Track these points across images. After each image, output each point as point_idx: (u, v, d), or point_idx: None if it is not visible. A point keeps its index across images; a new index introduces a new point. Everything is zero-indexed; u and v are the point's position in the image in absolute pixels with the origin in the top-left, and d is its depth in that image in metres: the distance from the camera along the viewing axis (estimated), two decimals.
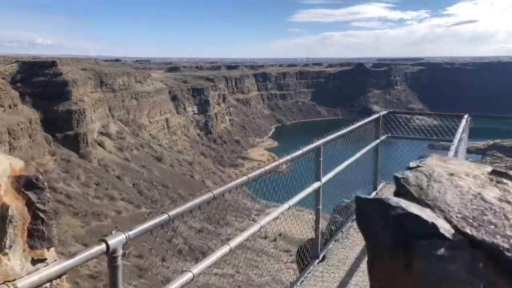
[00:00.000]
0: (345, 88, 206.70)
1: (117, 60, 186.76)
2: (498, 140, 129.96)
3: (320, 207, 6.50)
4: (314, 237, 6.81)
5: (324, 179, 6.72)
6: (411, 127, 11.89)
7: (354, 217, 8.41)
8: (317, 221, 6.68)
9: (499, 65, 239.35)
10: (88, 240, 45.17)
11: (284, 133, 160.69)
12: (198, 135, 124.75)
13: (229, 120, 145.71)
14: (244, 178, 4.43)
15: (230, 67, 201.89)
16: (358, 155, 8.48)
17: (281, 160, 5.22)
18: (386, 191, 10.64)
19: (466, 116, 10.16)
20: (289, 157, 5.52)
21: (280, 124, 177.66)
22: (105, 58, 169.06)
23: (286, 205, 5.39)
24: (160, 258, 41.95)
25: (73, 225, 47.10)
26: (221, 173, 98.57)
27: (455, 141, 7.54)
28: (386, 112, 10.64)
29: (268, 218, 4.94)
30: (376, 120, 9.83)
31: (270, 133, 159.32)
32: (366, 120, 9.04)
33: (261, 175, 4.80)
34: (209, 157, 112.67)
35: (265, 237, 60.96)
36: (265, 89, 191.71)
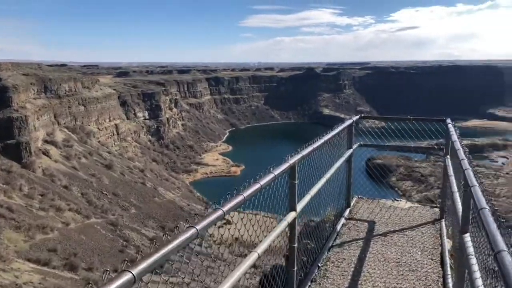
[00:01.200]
0: (296, 92, 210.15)
1: (63, 65, 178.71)
2: (441, 140, 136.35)
3: (296, 244, 5.05)
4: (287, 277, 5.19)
5: (299, 207, 5.23)
6: (377, 132, 11.08)
7: (331, 244, 7.64)
8: (291, 263, 5.08)
9: (440, 69, 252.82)
10: (33, 255, 42.54)
11: (238, 137, 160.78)
12: (150, 141, 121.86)
13: (182, 125, 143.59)
14: (219, 213, 3.47)
15: (181, 71, 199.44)
16: (333, 169, 7.25)
17: (245, 194, 3.92)
18: (360, 207, 9.77)
19: (449, 120, 9.50)
20: (257, 186, 4.24)
21: (234, 128, 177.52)
22: (50, 63, 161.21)
23: (254, 254, 3.87)
24: (111, 270, 40.18)
25: (15, 240, 44.15)
26: (174, 179, 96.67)
27: (458, 144, 6.35)
28: (357, 117, 9.89)
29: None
30: (349, 127, 8.97)
31: (224, 138, 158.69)
32: (340, 127, 8.08)
33: (237, 206, 3.76)
34: (162, 163, 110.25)
35: (221, 243, 60.42)
36: (218, 93, 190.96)
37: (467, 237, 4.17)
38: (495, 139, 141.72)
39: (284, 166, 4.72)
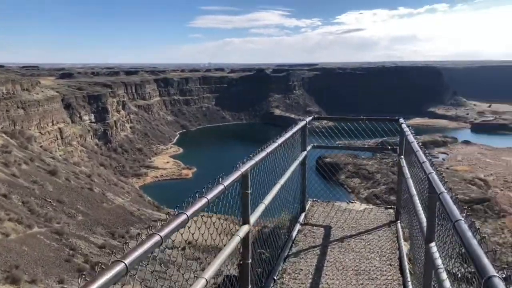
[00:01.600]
0: (247, 93, 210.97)
1: (0, 66, 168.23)
2: (386, 138, 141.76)
3: (250, 261, 4.55)
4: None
5: (253, 219, 4.79)
6: (328, 132, 10.87)
7: (286, 253, 7.22)
8: (245, 281, 4.57)
9: (384, 70, 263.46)
10: None
11: (189, 139, 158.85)
12: (97, 144, 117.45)
13: (130, 127, 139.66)
14: (183, 217, 3.19)
15: (129, 73, 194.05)
16: (288, 173, 6.89)
17: (209, 197, 3.38)
18: (315, 211, 9.50)
19: (402, 119, 9.39)
20: (221, 187, 3.87)
21: (184, 130, 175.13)
22: None
23: (201, 280, 3.41)
24: (56, 280, 38.21)
25: None
26: (124, 184, 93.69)
27: (416, 146, 5.99)
28: (310, 118, 9.51)
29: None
30: (302, 128, 8.60)
31: (175, 140, 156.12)
32: (294, 129, 7.53)
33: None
34: (110, 167, 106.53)
35: (173, 247, 59.30)
36: (167, 95, 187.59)
37: (433, 247, 3.94)
38: (436, 136, 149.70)
39: (235, 175, 4.23)
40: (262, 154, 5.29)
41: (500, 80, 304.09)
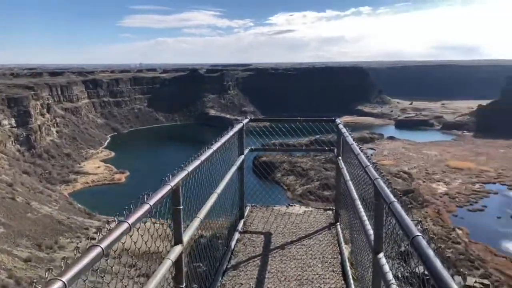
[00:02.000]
0: (181, 94, 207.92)
1: None
2: (318, 136, 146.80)
3: (184, 284, 4.08)
4: None
5: (187, 237, 4.30)
6: (264, 132, 10.74)
7: (225, 267, 6.79)
8: None
9: (314, 70, 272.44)
10: None
11: (122, 142, 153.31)
12: (19, 151, 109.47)
13: (57, 132, 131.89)
14: (125, 226, 2.94)
15: (54, 74, 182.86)
16: (225, 180, 6.40)
17: (151, 203, 3.40)
18: (254, 217, 9.05)
19: (338, 120, 9.19)
20: (168, 187, 3.77)
21: (116, 133, 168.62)
22: None
23: None
24: None
25: None
26: (51, 191, 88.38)
27: (357, 148, 5.88)
28: (247, 120, 8.99)
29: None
30: (239, 131, 8.13)
31: (106, 143, 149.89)
32: (231, 132, 7.15)
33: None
34: (34, 175, 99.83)
35: (107, 255, 56.86)
36: (96, 97, 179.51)
37: (382, 258, 3.68)
38: (364, 133, 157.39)
39: (164, 190, 3.68)
40: (196, 163, 4.70)
41: (419, 79, 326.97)
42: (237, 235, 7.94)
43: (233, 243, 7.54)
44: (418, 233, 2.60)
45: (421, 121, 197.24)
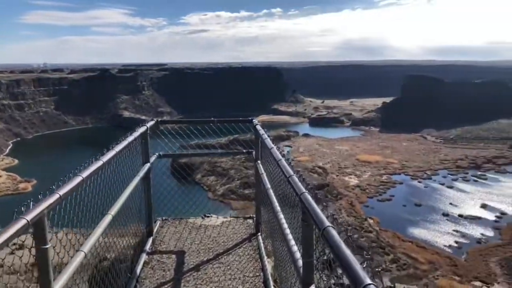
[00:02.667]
0: (92, 95, 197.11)
1: None
2: (236, 135, 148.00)
3: None
4: None
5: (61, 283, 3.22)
6: (179, 132, 9.58)
7: None
8: None
9: (230, 70, 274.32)
10: None
11: (26, 148, 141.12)
12: None
13: None
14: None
15: None
16: (124, 197, 5.36)
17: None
18: (165, 234, 7.86)
19: (256, 121, 8.36)
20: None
21: (19, 139, 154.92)
22: None
23: None
24: None
25: None
26: None
27: (277, 153, 5.02)
28: (153, 122, 7.89)
29: None
30: (142, 136, 7.05)
31: (8, 150, 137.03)
32: (130, 138, 6.26)
33: None
34: None
35: (14, 272, 51.92)
36: None
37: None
38: (280, 131, 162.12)
39: (16, 226, 2.79)
40: (73, 183, 3.80)
41: (330, 79, 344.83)
42: (144, 257, 6.69)
43: (138, 268, 6.31)
44: (329, 224, 2.57)
45: (332, 119, 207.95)
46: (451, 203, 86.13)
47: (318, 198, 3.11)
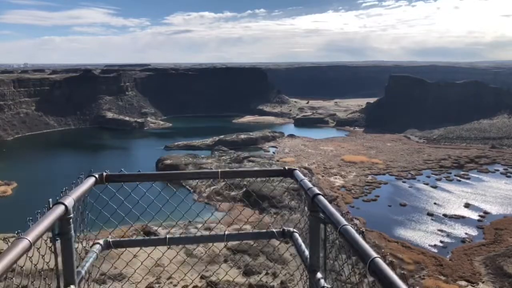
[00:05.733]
0: (74, 96, 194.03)
1: None
2: (222, 136, 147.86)
3: None
4: None
5: None
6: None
7: None
8: None
9: (215, 71, 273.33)
10: None
11: (6, 150, 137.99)
12: None
13: None
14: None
15: None
16: None
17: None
18: None
19: (297, 171, 5.49)
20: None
21: None
22: None
23: None
24: None
25: None
26: None
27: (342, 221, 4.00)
28: (71, 200, 3.77)
29: None
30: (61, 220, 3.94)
31: None
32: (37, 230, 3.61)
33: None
34: None
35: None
36: None
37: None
38: (266, 132, 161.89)
39: None
40: None
41: (314, 79, 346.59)
42: None
43: None
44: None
45: (317, 119, 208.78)
46: (435, 203, 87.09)
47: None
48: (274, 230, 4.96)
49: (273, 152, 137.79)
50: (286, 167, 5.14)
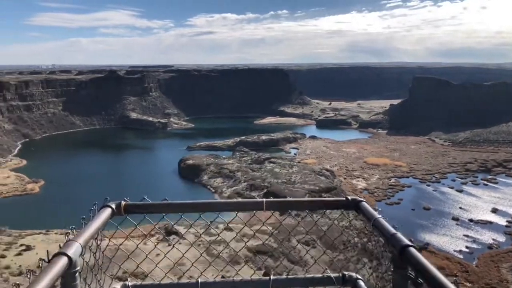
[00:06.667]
0: (99, 96, 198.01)
1: None
2: (243, 137, 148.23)
3: None
4: None
5: None
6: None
7: None
8: None
9: (236, 72, 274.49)
10: None
11: (34, 149, 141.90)
12: None
13: None
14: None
15: None
16: None
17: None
18: None
19: (364, 203, 4.41)
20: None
21: (27, 140, 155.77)
22: None
23: None
24: None
25: None
26: None
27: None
28: (78, 246, 3.07)
29: None
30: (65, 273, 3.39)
31: (16, 151, 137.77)
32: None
33: None
34: None
35: (20, 273, 51.77)
36: (3, 100, 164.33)
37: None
38: (287, 133, 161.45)
39: None
40: None
41: (336, 80, 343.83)
42: None
43: None
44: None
45: (339, 121, 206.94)
46: (461, 207, 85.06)
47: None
48: (332, 275, 3.81)
49: (295, 154, 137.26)
50: (349, 197, 3.98)
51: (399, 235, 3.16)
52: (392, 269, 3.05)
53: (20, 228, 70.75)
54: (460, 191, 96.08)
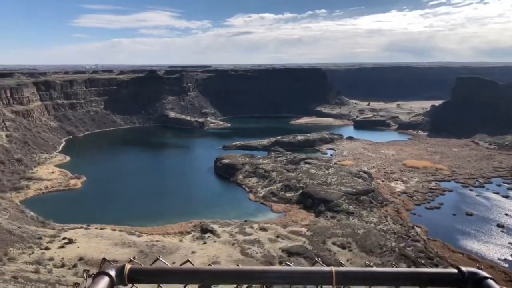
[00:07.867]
0: (139, 95, 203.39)
1: None
2: (278, 137, 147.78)
3: None
4: None
5: None
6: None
7: None
8: None
9: (273, 72, 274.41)
10: None
11: (77, 146, 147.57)
12: None
13: (6, 136, 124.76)
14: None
15: (2, 75, 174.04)
16: None
17: None
18: None
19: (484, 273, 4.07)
20: None
21: (71, 137, 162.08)
22: None
23: None
24: None
25: None
26: (0, 199, 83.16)
27: None
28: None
29: None
30: None
31: (60, 147, 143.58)
32: None
33: None
34: None
35: (63, 265, 53.88)
36: (49, 99, 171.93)
37: None
38: (324, 134, 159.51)
39: None
40: None
41: (375, 80, 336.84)
42: None
43: None
44: None
45: (378, 122, 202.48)
46: (506, 214, 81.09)
47: None
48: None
49: (331, 155, 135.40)
50: (464, 269, 2.89)
51: None
52: None
53: (63, 222, 73.79)
54: (506, 196, 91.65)
